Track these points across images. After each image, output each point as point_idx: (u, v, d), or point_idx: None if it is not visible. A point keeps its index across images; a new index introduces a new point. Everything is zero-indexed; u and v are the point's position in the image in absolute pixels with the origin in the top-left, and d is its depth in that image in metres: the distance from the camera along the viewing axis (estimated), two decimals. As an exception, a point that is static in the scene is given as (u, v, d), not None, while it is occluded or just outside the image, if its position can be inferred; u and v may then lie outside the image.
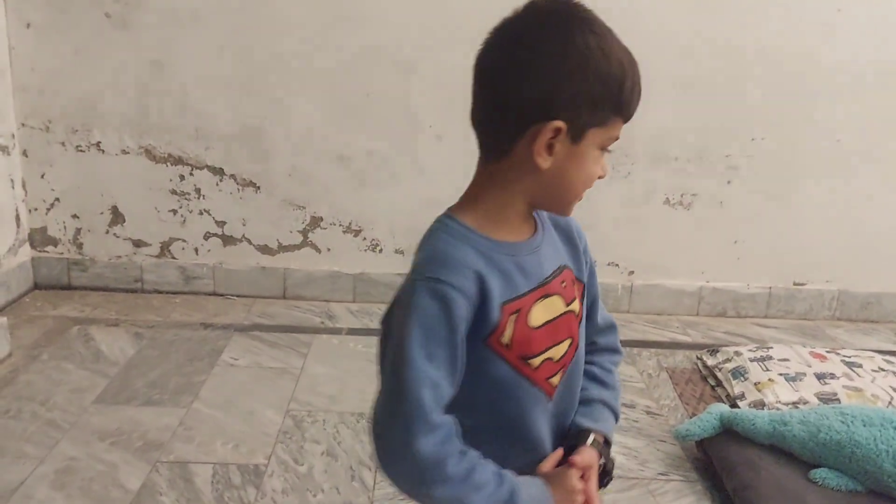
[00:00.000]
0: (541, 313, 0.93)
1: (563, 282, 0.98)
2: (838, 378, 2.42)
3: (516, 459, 0.95)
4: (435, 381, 0.86)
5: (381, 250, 3.14)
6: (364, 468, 2.04)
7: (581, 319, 1.02)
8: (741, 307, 3.24)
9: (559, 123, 0.84)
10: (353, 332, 2.92)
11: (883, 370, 2.52)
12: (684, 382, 2.63)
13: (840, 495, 1.79)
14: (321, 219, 3.09)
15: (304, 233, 3.12)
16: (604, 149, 0.90)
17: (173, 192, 3.02)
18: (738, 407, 2.27)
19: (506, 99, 0.86)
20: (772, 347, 2.63)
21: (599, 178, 0.92)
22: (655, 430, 2.30)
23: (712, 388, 2.57)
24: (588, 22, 0.84)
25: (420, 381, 0.85)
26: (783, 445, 1.93)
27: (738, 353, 2.61)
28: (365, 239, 3.12)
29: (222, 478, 1.96)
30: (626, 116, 0.89)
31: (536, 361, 0.93)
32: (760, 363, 2.52)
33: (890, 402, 2.33)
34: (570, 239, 1.04)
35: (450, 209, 0.95)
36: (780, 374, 2.43)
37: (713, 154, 3.04)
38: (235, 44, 2.86)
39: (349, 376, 2.55)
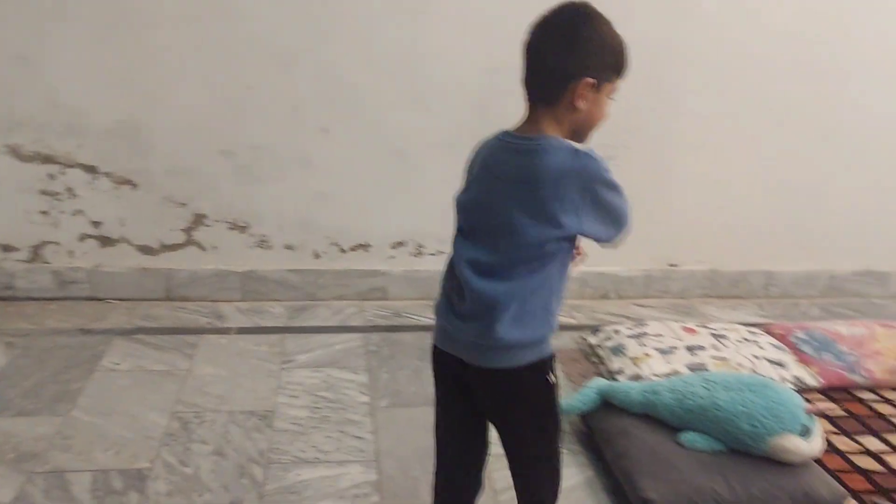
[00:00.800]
0: None
1: None
2: (706, 349, 2.59)
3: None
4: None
5: (270, 246, 3.10)
6: (254, 465, 2.03)
7: None
8: (622, 289, 3.41)
9: (591, 80, 1.27)
10: (243, 331, 2.87)
11: (746, 340, 2.72)
12: (570, 362, 2.74)
13: (705, 455, 1.93)
14: (205, 216, 3.02)
15: (188, 231, 3.03)
16: (610, 96, 1.34)
17: (43, 192, 2.87)
18: (617, 381, 2.39)
19: (559, 66, 1.27)
20: (648, 325, 2.79)
21: (606, 118, 1.34)
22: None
23: (595, 365, 2.69)
24: (599, 16, 1.30)
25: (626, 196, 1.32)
26: (655, 413, 2.05)
27: (616, 332, 2.75)
28: (252, 235, 3.07)
29: (102, 484, 1.90)
30: (622, 76, 1.34)
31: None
32: (637, 339, 2.67)
33: (752, 369, 2.52)
34: None
35: (546, 138, 1.28)
36: (655, 349, 2.58)
37: (591, 143, 3.17)
38: (108, 36, 2.74)
39: (239, 375, 2.51)
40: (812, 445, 1.90)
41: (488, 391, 1.36)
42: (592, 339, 2.80)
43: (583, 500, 1.96)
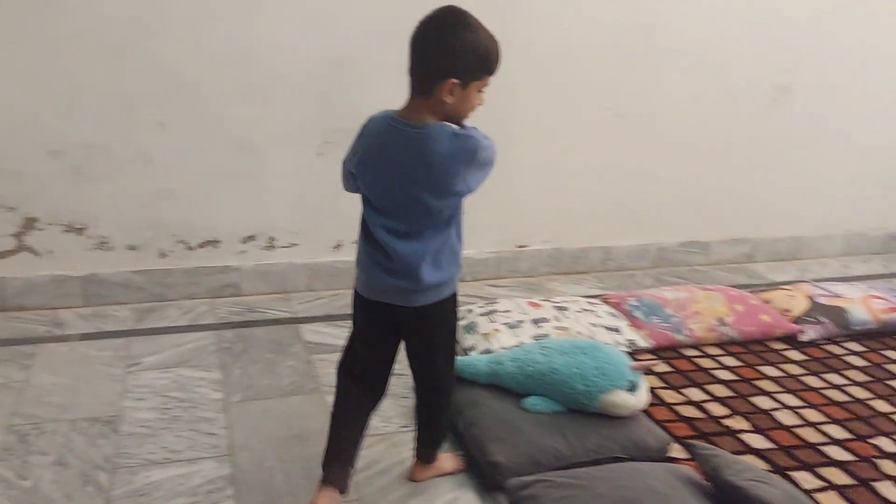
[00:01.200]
0: None
1: None
2: (550, 321, 2.76)
3: None
4: None
5: (111, 248, 2.97)
6: (99, 471, 1.96)
7: None
8: (476, 271, 3.54)
9: (455, 80, 1.51)
10: (85, 337, 2.74)
11: (585, 310, 2.92)
12: (425, 344, 2.82)
13: (546, 417, 2.07)
14: (36, 219, 2.84)
15: (18, 236, 2.85)
16: (480, 91, 1.59)
17: None
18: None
19: (430, 67, 1.52)
20: (497, 302, 2.93)
21: (478, 106, 1.61)
22: (399, 389, 2.44)
23: (449, 345, 2.79)
24: (469, 24, 1.52)
25: None
26: (501, 383, 2.18)
27: (469, 311, 2.86)
28: (91, 237, 2.93)
29: (-73, 510, 1.77)
30: (493, 74, 1.58)
31: None
32: (488, 316, 2.79)
33: (591, 336, 2.71)
34: None
35: (427, 124, 1.55)
36: (504, 324, 2.72)
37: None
38: None
39: (81, 382, 2.40)
40: (639, 399, 2.09)
41: (417, 323, 1.73)
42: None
43: (437, 471, 2.04)
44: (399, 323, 1.74)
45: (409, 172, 1.56)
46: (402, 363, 2.57)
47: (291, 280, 3.25)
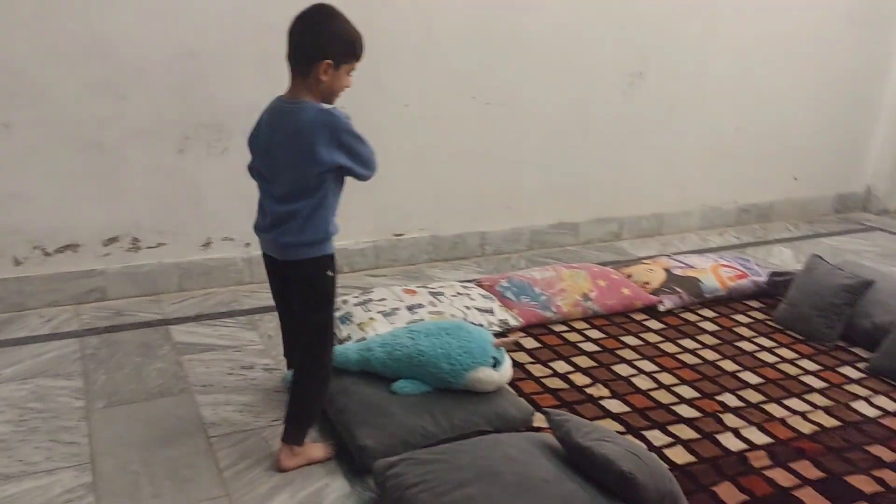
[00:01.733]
0: None
1: None
2: (425, 307, 2.82)
3: None
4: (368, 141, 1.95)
5: (-43, 258, 2.79)
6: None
7: None
8: (354, 262, 3.56)
9: (329, 61, 1.84)
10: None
11: (460, 294, 3.00)
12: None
13: (415, 398, 2.12)
14: None
15: None
16: (349, 73, 1.91)
17: None
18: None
19: (308, 50, 1.84)
20: (373, 291, 2.96)
21: (347, 87, 1.93)
22: (272, 384, 2.44)
23: (325, 336, 2.79)
24: (338, 16, 1.87)
25: (369, 144, 1.96)
26: (370, 368, 2.22)
27: (345, 302, 2.88)
28: (-67, 247, 2.74)
29: None
30: (358, 59, 1.91)
31: None
32: (363, 306, 2.82)
33: (465, 318, 2.79)
34: None
35: (302, 102, 1.86)
36: (379, 312, 2.76)
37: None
38: None
39: (-74, 401, 2.25)
40: (502, 374, 2.18)
41: (289, 276, 1.99)
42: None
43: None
44: (283, 277, 2.04)
45: (283, 141, 1.87)
46: (276, 358, 2.58)
47: (161, 281, 3.16)
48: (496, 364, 2.16)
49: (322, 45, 1.83)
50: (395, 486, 1.75)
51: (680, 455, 2.13)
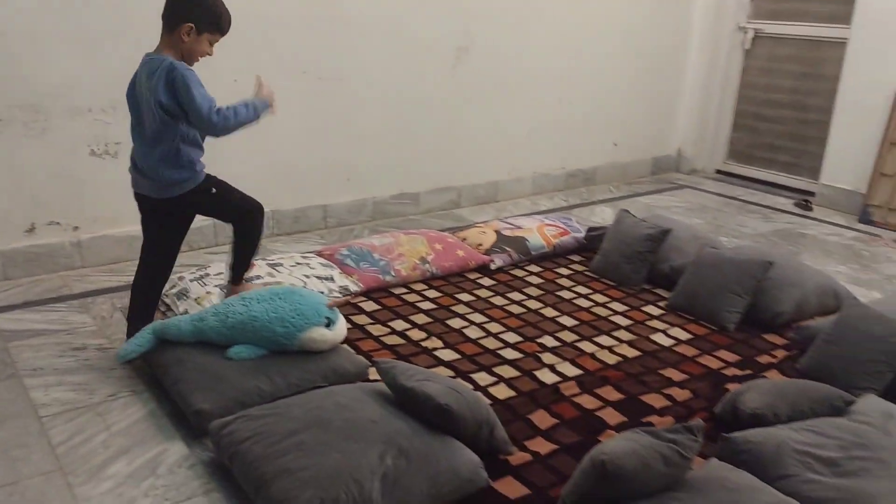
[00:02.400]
0: None
1: None
2: (263, 278, 2.89)
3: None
4: (208, 95, 2.22)
5: None
6: None
7: None
8: (193, 241, 3.53)
9: (191, 24, 2.18)
10: None
11: (299, 264, 3.09)
12: (138, 317, 2.80)
13: (251, 362, 2.20)
14: None
15: None
16: (211, 43, 2.27)
17: None
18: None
19: (176, 11, 2.19)
20: (210, 266, 2.98)
21: (208, 54, 2.29)
22: (106, 363, 2.43)
23: (164, 314, 2.79)
24: None
25: (207, 97, 2.20)
26: (205, 338, 2.26)
27: (181, 278, 2.88)
28: None
29: None
30: (222, 33, 2.29)
31: None
32: (199, 281, 2.84)
33: (304, 286, 2.88)
34: None
35: (162, 56, 2.21)
36: (216, 286, 2.79)
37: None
38: None
39: None
40: (336, 333, 2.30)
41: (172, 211, 2.40)
42: (172, 290, 2.89)
43: (148, 430, 2.08)
44: (155, 210, 2.38)
45: (143, 89, 2.21)
46: (110, 338, 2.55)
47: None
48: (329, 324, 2.28)
49: (190, 9, 2.18)
50: (229, 442, 1.84)
51: (502, 391, 2.35)
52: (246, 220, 2.53)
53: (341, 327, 2.34)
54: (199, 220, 3.53)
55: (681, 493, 1.68)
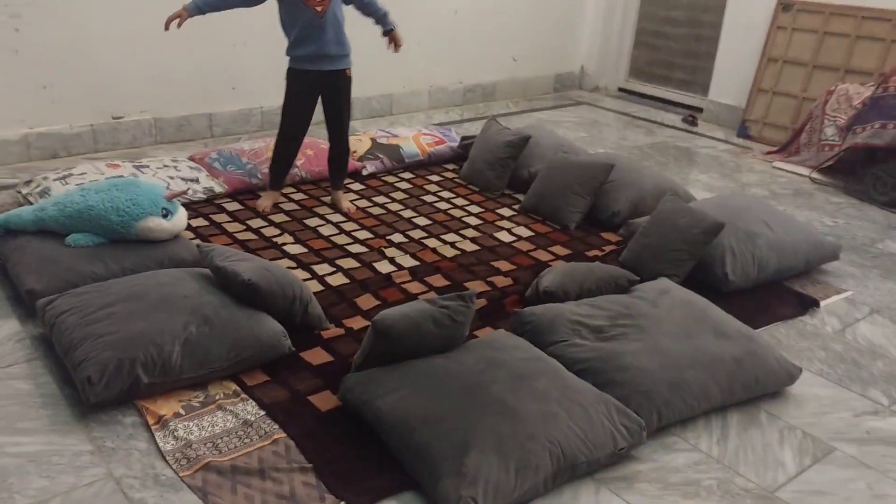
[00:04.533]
0: None
1: None
2: (125, 177, 2.98)
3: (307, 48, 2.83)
4: None
5: None
6: None
7: None
8: (71, 146, 3.59)
9: None
10: None
11: (167, 166, 3.18)
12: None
13: (89, 249, 2.32)
14: None
15: None
16: None
17: None
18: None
19: None
20: (75, 167, 3.06)
21: None
22: None
23: (25, 212, 2.88)
24: None
25: None
26: (46, 227, 2.38)
27: (45, 178, 2.96)
28: None
29: None
30: None
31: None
32: (62, 181, 2.93)
33: (168, 186, 2.99)
34: None
35: None
36: (77, 185, 2.87)
37: (-7, 4, 3.19)
38: None
39: None
40: (174, 223, 2.43)
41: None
42: (24, 190, 2.98)
43: (-12, 312, 2.22)
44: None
45: None
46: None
47: None
48: (168, 214, 2.41)
49: None
50: (50, 315, 1.98)
51: (337, 279, 2.53)
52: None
53: (180, 218, 2.47)
54: (75, 124, 3.50)
55: (453, 352, 1.89)
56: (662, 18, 5.45)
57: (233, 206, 3.09)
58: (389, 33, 3.10)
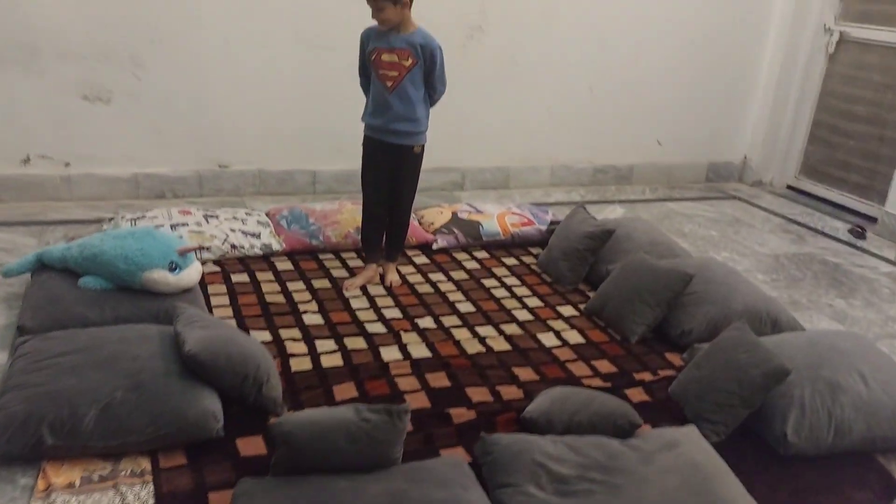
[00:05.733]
0: (386, 55, 2.66)
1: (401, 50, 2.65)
2: (189, 226, 3.06)
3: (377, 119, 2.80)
4: None
5: None
6: None
7: (410, 68, 2.67)
8: (177, 189, 3.79)
9: None
10: None
11: (235, 218, 3.22)
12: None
13: (95, 293, 2.34)
14: None
15: None
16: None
17: None
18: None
19: None
20: (151, 210, 3.19)
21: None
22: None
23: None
24: None
25: None
26: (68, 266, 2.44)
27: (123, 217, 3.12)
28: None
29: None
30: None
31: (380, 72, 2.69)
32: (133, 222, 3.06)
33: (226, 239, 3.01)
34: (414, 42, 2.66)
35: None
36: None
37: (119, 52, 3.47)
38: None
39: None
40: (180, 278, 2.39)
41: None
42: (105, 227, 3.15)
43: (-4, 339, 2.30)
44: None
45: None
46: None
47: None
48: (176, 268, 2.38)
49: None
50: (16, 355, 1.99)
51: (331, 360, 2.34)
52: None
53: (189, 273, 2.43)
54: (180, 168, 3.67)
55: (366, 475, 1.61)
56: (842, 112, 4.73)
57: (284, 264, 3.03)
58: None
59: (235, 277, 2.86)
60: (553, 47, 4.30)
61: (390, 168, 2.82)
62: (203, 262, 2.92)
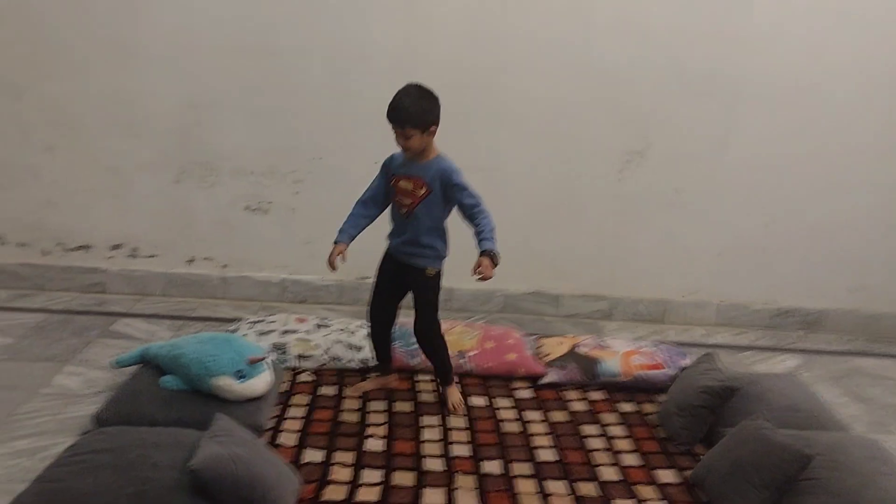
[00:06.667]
0: (403, 182, 2.65)
1: (416, 179, 2.63)
2: (299, 333, 3.17)
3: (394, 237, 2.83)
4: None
5: (3, 243, 3.75)
6: None
7: (423, 198, 2.64)
8: (319, 296, 3.97)
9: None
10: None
11: (344, 330, 3.27)
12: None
13: (170, 392, 2.46)
14: (-50, 214, 3.70)
15: (-63, 226, 3.71)
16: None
17: None
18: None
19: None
20: (272, 315, 3.36)
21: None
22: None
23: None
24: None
25: None
26: (160, 362, 2.60)
27: (246, 321, 3.32)
28: (-10, 232, 3.74)
29: None
30: (390, 121, 2.52)
31: (396, 198, 2.70)
32: (251, 325, 3.24)
33: (327, 349, 3.06)
34: (429, 172, 2.62)
35: None
36: (258, 332, 3.14)
37: (281, 169, 3.80)
38: None
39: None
40: (245, 387, 2.43)
41: None
42: (230, 327, 3.37)
43: (81, 422, 2.49)
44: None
45: None
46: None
47: (150, 285, 3.87)
48: (243, 377, 2.43)
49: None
50: (71, 443, 2.13)
51: (367, 494, 2.20)
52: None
53: (256, 382, 2.46)
54: (325, 277, 3.88)
55: None
56: None
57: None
58: (482, 254, 2.62)
59: (323, 390, 2.86)
60: (725, 177, 3.91)
61: (403, 283, 2.85)
62: (302, 371, 2.99)
